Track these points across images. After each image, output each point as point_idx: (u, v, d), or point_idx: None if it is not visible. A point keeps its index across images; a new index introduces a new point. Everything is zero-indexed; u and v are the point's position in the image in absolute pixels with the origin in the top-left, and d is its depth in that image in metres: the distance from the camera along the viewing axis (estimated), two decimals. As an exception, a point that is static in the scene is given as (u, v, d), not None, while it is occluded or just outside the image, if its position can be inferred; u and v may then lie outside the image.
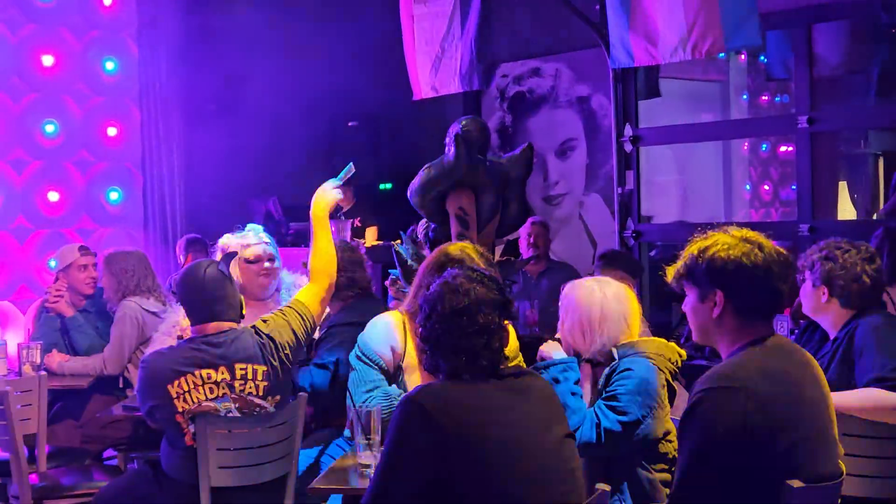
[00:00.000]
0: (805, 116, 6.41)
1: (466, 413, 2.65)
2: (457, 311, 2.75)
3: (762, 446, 2.48)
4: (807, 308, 4.00)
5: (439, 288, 2.82)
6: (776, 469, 2.49)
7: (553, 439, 2.74)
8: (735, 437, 2.48)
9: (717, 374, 2.59)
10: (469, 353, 2.74)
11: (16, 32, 7.61)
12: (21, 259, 7.65)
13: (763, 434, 2.48)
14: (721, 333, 2.68)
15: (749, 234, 2.67)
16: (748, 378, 2.53)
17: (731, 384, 2.53)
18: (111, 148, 8.12)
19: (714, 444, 2.50)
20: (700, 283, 2.68)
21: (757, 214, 9.79)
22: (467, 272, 2.85)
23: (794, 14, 6.48)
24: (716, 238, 2.68)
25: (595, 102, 8.23)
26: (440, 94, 7.06)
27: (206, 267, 3.86)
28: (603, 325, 3.45)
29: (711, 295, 2.65)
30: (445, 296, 2.78)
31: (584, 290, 3.52)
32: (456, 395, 2.70)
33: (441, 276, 2.89)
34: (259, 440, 3.75)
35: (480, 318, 2.75)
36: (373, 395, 3.66)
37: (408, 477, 2.62)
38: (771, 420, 2.50)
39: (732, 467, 2.48)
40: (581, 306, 3.48)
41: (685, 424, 2.57)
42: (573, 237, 8.33)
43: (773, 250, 2.64)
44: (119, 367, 5.46)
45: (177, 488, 3.77)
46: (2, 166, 7.57)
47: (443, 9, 6.88)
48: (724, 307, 2.64)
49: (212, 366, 3.71)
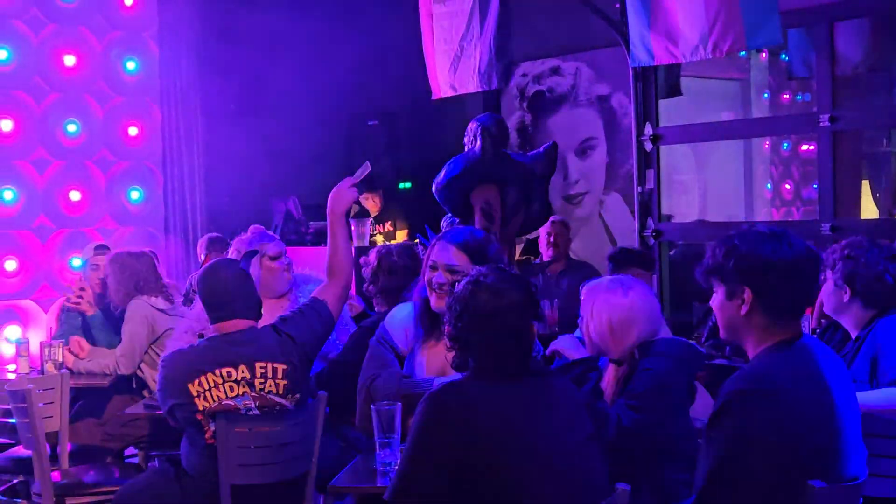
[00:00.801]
0: (827, 115, 6.37)
1: (489, 412, 2.64)
2: (489, 313, 2.74)
3: (790, 447, 2.47)
4: (828, 308, 3.97)
5: (470, 287, 2.80)
6: (802, 470, 2.48)
7: (576, 440, 2.74)
8: (763, 439, 2.46)
9: (747, 375, 2.57)
10: (499, 354, 2.75)
11: (38, 33, 7.65)
12: (43, 258, 7.69)
13: (791, 435, 2.47)
14: (749, 331, 2.65)
15: (776, 230, 2.63)
16: (778, 379, 2.52)
17: (761, 385, 2.51)
18: (132, 147, 8.15)
19: (742, 445, 2.48)
20: (728, 280, 2.63)
21: (778, 213, 9.74)
22: (497, 272, 2.84)
23: (816, 12, 6.44)
24: (742, 235, 2.64)
25: (615, 101, 8.21)
26: (459, 93, 7.05)
27: (227, 265, 3.88)
28: (633, 326, 3.43)
29: (740, 293, 2.61)
30: (477, 296, 2.76)
31: (611, 292, 3.48)
32: (480, 393, 2.69)
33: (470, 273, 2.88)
34: (279, 438, 3.75)
35: (512, 320, 2.75)
36: (381, 374, 3.62)
37: (430, 474, 2.62)
38: (800, 421, 2.48)
39: (759, 468, 2.47)
40: (610, 308, 3.44)
41: (713, 425, 2.55)
42: (593, 236, 8.32)
43: (803, 248, 2.61)
44: (132, 364, 5.48)
45: (197, 486, 3.78)
46: (24, 166, 7.61)
47: (462, 8, 6.87)
48: (752, 305, 2.60)
49: (232, 364, 3.72)
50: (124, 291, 5.57)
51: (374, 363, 3.69)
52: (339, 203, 4.11)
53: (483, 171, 4.76)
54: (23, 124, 7.58)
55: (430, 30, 7.09)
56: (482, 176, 4.78)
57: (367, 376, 3.65)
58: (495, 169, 4.75)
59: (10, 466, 5.01)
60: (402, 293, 4.48)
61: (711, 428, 2.56)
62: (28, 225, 7.65)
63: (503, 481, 2.59)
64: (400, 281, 4.53)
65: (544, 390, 2.78)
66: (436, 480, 2.61)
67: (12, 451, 5.08)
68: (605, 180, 8.34)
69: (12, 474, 5.13)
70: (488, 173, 4.76)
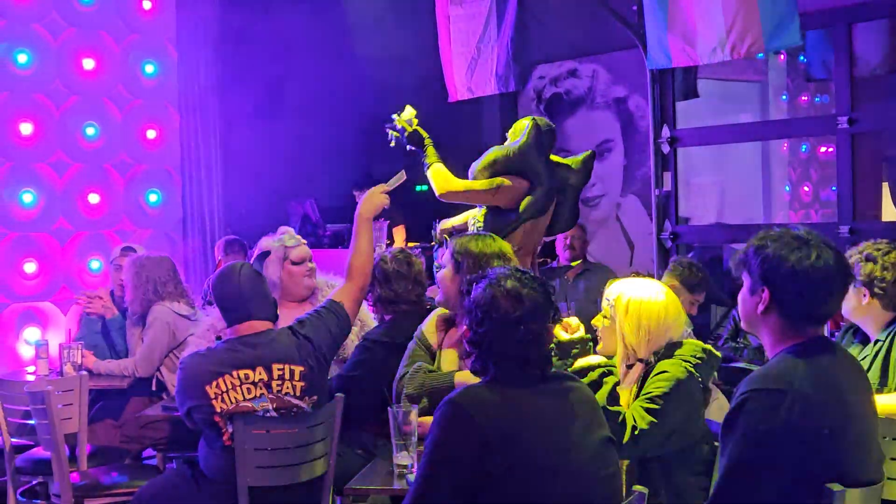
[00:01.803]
0: (845, 117, 6.34)
1: (506, 416, 2.64)
2: (512, 320, 2.73)
3: (806, 449, 2.46)
4: (846, 310, 3.94)
5: (490, 291, 2.77)
6: (819, 472, 2.47)
7: (593, 444, 2.73)
8: (779, 440, 2.46)
9: (763, 376, 2.57)
10: (519, 359, 2.74)
11: (57, 37, 7.70)
12: (62, 260, 7.73)
13: (807, 437, 2.46)
14: (765, 329, 2.67)
15: (811, 237, 2.62)
16: (794, 381, 2.51)
17: (777, 386, 2.51)
18: (150, 150, 8.19)
19: (757, 446, 2.48)
20: (752, 275, 2.67)
21: (796, 216, 9.70)
22: (516, 275, 2.81)
23: (834, 13, 6.42)
24: (778, 235, 2.64)
25: (632, 103, 8.20)
26: (476, 96, 7.05)
27: (241, 268, 3.89)
28: (668, 328, 3.43)
29: (759, 290, 2.63)
30: (498, 302, 2.75)
31: (648, 293, 3.48)
32: (497, 398, 2.68)
33: (486, 275, 2.86)
34: (296, 440, 3.76)
35: (534, 326, 2.74)
36: (409, 371, 3.77)
37: (448, 478, 2.62)
38: (815, 423, 2.47)
39: (775, 469, 2.46)
40: (648, 309, 3.44)
41: (729, 425, 2.55)
42: (610, 239, 8.31)
43: (831, 256, 2.59)
44: (150, 369, 5.50)
45: (214, 488, 3.79)
46: (43, 168, 7.66)
47: (479, 10, 6.88)
48: (768, 306, 2.62)
49: (249, 366, 3.73)
50: (141, 296, 5.57)
51: (405, 361, 3.84)
52: (368, 208, 4.19)
53: (521, 159, 4.83)
54: (42, 127, 7.62)
55: (447, 32, 7.10)
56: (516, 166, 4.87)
57: (399, 374, 3.80)
58: (531, 163, 4.80)
59: (30, 467, 5.04)
60: (401, 301, 4.40)
61: (727, 429, 2.56)
62: (47, 227, 7.69)
63: (518, 486, 2.59)
64: (395, 287, 4.38)
65: (561, 394, 2.77)
66: (454, 483, 2.61)
67: (32, 453, 5.10)
68: (623, 183, 8.33)
69: (32, 475, 5.16)
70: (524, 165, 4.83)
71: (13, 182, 7.50)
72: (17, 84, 7.54)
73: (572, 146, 8.68)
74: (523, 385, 2.73)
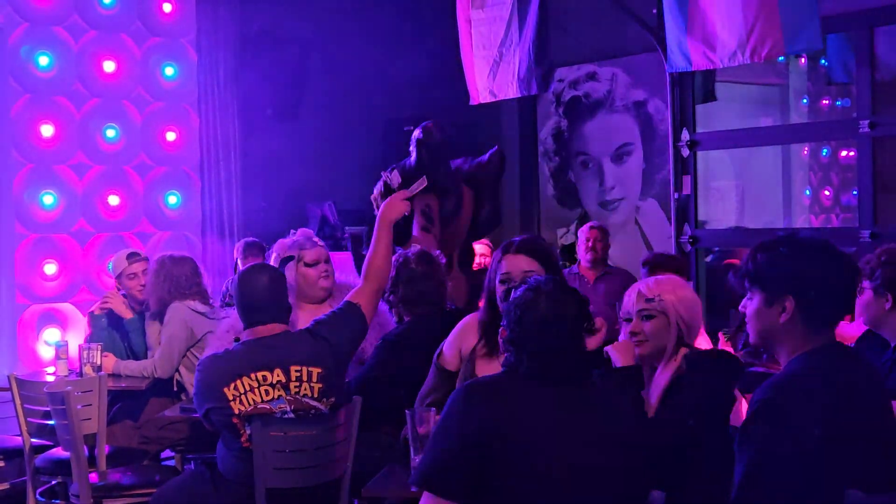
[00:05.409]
0: (867, 121, 6.31)
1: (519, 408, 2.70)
2: (548, 319, 2.80)
3: (823, 455, 2.44)
4: (867, 319, 3.90)
5: (530, 294, 2.85)
6: (836, 478, 2.45)
7: (610, 447, 2.74)
8: (796, 446, 2.44)
9: (779, 382, 2.55)
10: (553, 359, 2.79)
11: (78, 39, 7.73)
12: (82, 262, 7.76)
13: (824, 443, 2.44)
14: (785, 339, 2.62)
15: (824, 242, 2.61)
16: (810, 386, 2.50)
17: (792, 392, 2.50)
18: (170, 152, 8.21)
19: (775, 451, 2.46)
20: (770, 287, 2.60)
21: (817, 220, 9.64)
22: (555, 283, 2.90)
23: (856, 17, 6.39)
24: (792, 242, 2.61)
25: (652, 107, 8.17)
26: (499, 99, 7.04)
27: (262, 270, 3.91)
28: (699, 321, 3.46)
29: (781, 301, 2.58)
30: (537, 302, 2.82)
31: (681, 287, 3.48)
32: (513, 389, 2.75)
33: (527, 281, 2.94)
34: (314, 442, 3.77)
35: (568, 327, 2.81)
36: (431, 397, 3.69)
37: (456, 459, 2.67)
38: (833, 429, 2.45)
39: (792, 475, 2.45)
40: (685, 302, 3.43)
41: (746, 431, 2.53)
42: (629, 242, 8.28)
43: (845, 258, 2.59)
44: (170, 369, 5.51)
45: (232, 489, 3.80)
46: (64, 171, 7.69)
47: (500, 13, 6.87)
48: (793, 314, 2.57)
49: (267, 367, 3.74)
50: (158, 295, 5.60)
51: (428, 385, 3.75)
52: (390, 212, 4.23)
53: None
54: (63, 129, 7.66)
55: (468, 35, 7.09)
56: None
57: (421, 394, 3.71)
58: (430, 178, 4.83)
59: (49, 468, 5.06)
60: (423, 301, 4.51)
61: (743, 435, 2.54)
62: (68, 229, 7.72)
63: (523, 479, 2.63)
64: (420, 287, 4.52)
65: (582, 396, 2.81)
66: (460, 466, 2.65)
67: (51, 453, 5.13)
68: (642, 186, 8.30)
69: (51, 475, 5.18)
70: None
71: (34, 184, 7.53)
72: (38, 86, 7.57)
73: (592, 149, 8.67)
74: (547, 382, 2.77)
